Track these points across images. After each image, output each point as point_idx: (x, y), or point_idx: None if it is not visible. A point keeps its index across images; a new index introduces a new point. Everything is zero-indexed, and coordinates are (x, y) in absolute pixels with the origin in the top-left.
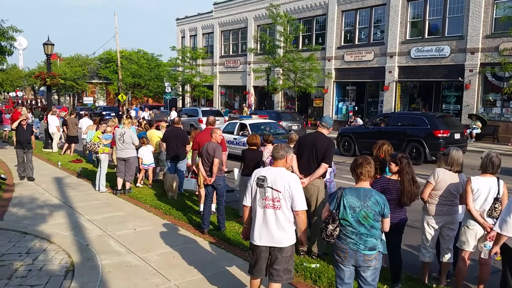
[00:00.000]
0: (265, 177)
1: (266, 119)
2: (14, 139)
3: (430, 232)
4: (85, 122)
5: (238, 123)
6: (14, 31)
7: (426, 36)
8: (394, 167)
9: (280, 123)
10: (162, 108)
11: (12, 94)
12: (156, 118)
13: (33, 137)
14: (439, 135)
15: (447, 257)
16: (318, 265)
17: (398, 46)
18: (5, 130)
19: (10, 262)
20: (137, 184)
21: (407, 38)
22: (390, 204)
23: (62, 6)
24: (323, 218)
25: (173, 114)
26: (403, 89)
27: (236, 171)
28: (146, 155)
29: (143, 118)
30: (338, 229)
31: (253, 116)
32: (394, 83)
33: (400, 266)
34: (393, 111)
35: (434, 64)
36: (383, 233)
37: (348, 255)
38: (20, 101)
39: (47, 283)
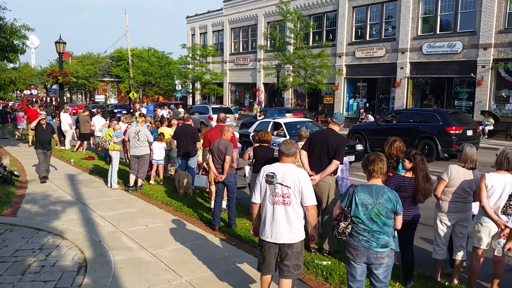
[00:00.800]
0: (274, 173)
1: (301, 117)
2: (30, 138)
3: (442, 229)
4: (98, 120)
5: (272, 122)
6: (26, 30)
7: (438, 32)
8: (408, 164)
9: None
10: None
11: (27, 92)
12: (175, 116)
13: (55, 136)
14: (452, 131)
15: (460, 254)
16: (329, 262)
17: (409, 42)
18: (20, 128)
19: (24, 258)
20: (150, 182)
21: (419, 34)
22: (404, 202)
23: (73, 4)
24: (335, 215)
25: (182, 112)
26: (415, 86)
27: (247, 169)
28: (158, 151)
29: (162, 116)
30: (350, 226)
31: (287, 114)
32: (406, 79)
33: (412, 263)
34: (405, 107)
35: (446, 60)
36: (395, 230)
37: (360, 253)
38: (34, 99)
39: (60, 278)
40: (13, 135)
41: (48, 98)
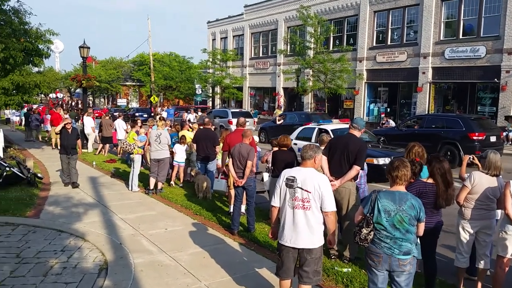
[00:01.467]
0: (294, 177)
1: (348, 123)
2: (53, 141)
3: (465, 237)
4: (119, 124)
5: (317, 129)
6: (51, 35)
7: (460, 37)
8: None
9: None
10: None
11: (52, 95)
12: (201, 120)
13: (79, 142)
14: (475, 137)
15: (483, 263)
16: (350, 269)
17: (431, 47)
18: (47, 131)
19: (46, 259)
20: (171, 182)
21: (441, 38)
22: (426, 208)
23: (97, 10)
24: (357, 221)
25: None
26: (437, 91)
27: (266, 175)
28: (180, 153)
29: (189, 120)
30: (372, 233)
31: (334, 120)
32: (428, 84)
33: (434, 271)
34: (426, 112)
35: (469, 65)
36: (418, 238)
37: (382, 260)
38: (60, 102)
39: (81, 280)
40: (38, 137)
41: (73, 102)
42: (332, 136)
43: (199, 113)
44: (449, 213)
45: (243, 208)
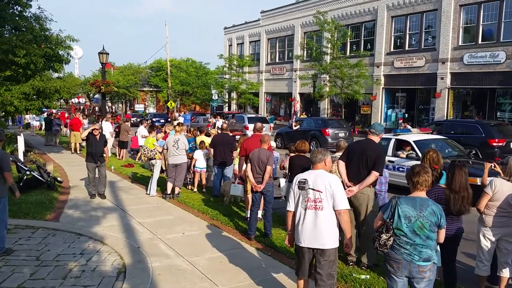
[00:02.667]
0: (306, 179)
1: (429, 133)
2: (72, 146)
3: (486, 245)
4: (141, 131)
5: (394, 140)
6: (71, 41)
7: (479, 42)
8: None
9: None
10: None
11: (74, 100)
12: (232, 127)
13: (106, 149)
14: (494, 144)
15: (505, 271)
16: (368, 276)
17: (450, 52)
18: (67, 136)
19: (65, 262)
20: (194, 190)
21: (460, 44)
22: (446, 215)
23: (116, 17)
24: (376, 227)
25: (219, 123)
26: (455, 96)
27: (283, 181)
28: (200, 159)
29: (218, 127)
30: (392, 239)
31: (413, 130)
32: (446, 90)
33: (454, 279)
34: (445, 118)
35: (488, 70)
36: (438, 245)
37: (402, 266)
38: (82, 108)
39: (100, 283)
40: (57, 142)
41: (97, 108)
42: (417, 149)
43: (232, 120)
44: (469, 220)
45: (260, 213)
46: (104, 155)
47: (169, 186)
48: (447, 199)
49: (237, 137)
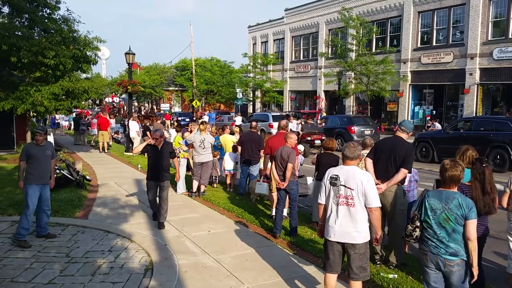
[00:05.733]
0: (337, 175)
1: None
2: (100, 145)
3: None
4: (171, 132)
5: None
6: (98, 42)
7: (510, 36)
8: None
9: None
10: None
11: (108, 99)
12: (308, 130)
13: (176, 162)
14: None
15: None
16: (396, 275)
17: (479, 47)
18: (94, 135)
19: (94, 259)
20: (228, 189)
21: (489, 38)
22: None
23: (141, 18)
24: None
25: (238, 120)
26: (485, 92)
27: (310, 180)
28: (227, 161)
29: (290, 129)
30: (418, 230)
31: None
32: (475, 85)
33: (483, 279)
34: (474, 115)
35: None
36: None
37: (430, 258)
38: (117, 107)
39: (128, 280)
40: (88, 141)
41: (138, 108)
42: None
43: (306, 122)
44: (500, 219)
45: (285, 211)
46: (172, 165)
47: (195, 184)
48: (474, 199)
49: (317, 141)
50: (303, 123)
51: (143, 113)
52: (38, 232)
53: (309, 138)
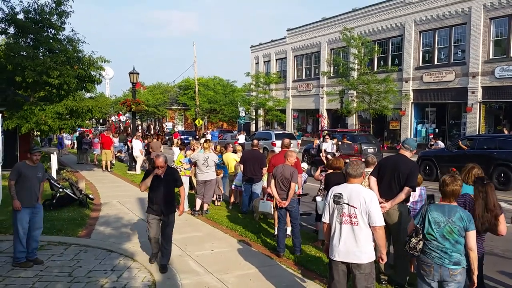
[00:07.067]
0: (341, 194)
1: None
2: (103, 164)
3: None
4: (175, 151)
5: None
6: (103, 62)
7: (511, 55)
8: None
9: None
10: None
11: (114, 118)
12: (345, 151)
13: (182, 191)
14: None
15: None
16: None
17: (480, 66)
18: (95, 154)
19: (97, 278)
20: (229, 207)
21: (491, 57)
22: None
23: (145, 38)
24: (409, 232)
25: (241, 138)
26: (487, 111)
27: (319, 199)
28: (237, 177)
29: (325, 150)
30: (421, 242)
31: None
32: (478, 104)
33: None
34: (477, 133)
35: None
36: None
37: (434, 269)
38: (123, 126)
39: None
40: (90, 160)
41: (140, 127)
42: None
43: (343, 142)
44: (507, 238)
45: (288, 230)
46: (180, 201)
47: (198, 202)
48: (475, 217)
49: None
50: (340, 143)
51: (152, 132)
52: (26, 257)
53: (347, 160)
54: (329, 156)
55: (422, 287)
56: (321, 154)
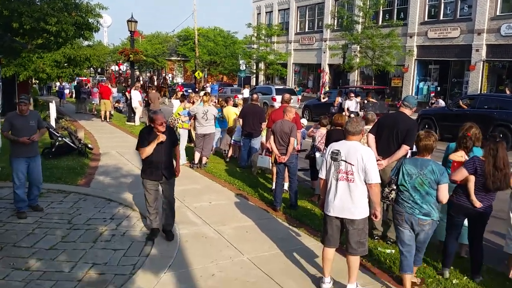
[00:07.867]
0: (338, 151)
1: None
2: (102, 114)
3: None
4: (174, 103)
5: None
6: (100, 8)
7: None
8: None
9: None
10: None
11: (115, 67)
12: (370, 110)
13: (177, 151)
14: None
15: None
16: (393, 251)
17: (486, 23)
18: (93, 104)
19: (96, 226)
20: (227, 160)
21: (497, 14)
22: (477, 189)
23: None
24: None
25: (246, 92)
26: (490, 69)
27: (318, 155)
28: (238, 132)
29: (348, 109)
30: (393, 192)
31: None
32: (481, 62)
33: (481, 257)
34: (479, 92)
35: None
36: (466, 220)
37: (405, 218)
38: (123, 77)
39: (129, 248)
40: (89, 110)
41: (140, 77)
42: None
43: (367, 100)
44: (499, 198)
45: (286, 185)
46: (176, 164)
47: (197, 155)
48: (486, 174)
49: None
50: (365, 102)
51: (155, 83)
52: (29, 204)
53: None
54: (352, 116)
55: (399, 234)
56: (343, 114)
